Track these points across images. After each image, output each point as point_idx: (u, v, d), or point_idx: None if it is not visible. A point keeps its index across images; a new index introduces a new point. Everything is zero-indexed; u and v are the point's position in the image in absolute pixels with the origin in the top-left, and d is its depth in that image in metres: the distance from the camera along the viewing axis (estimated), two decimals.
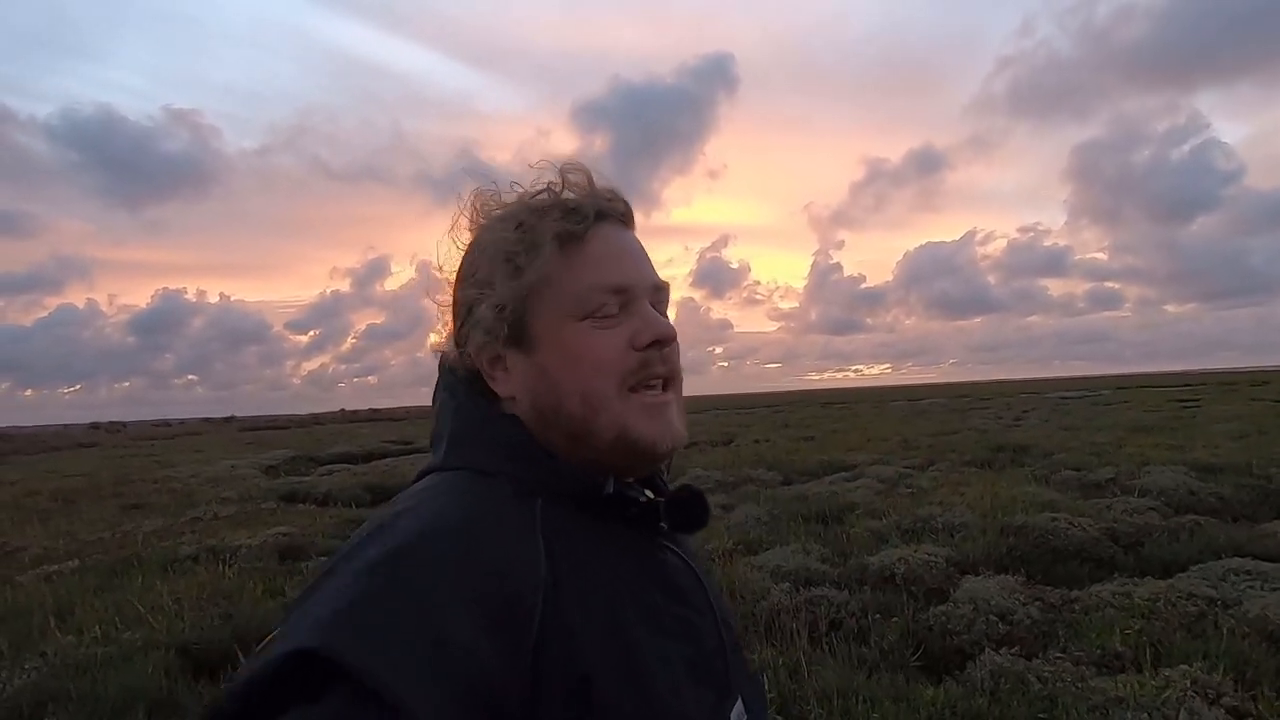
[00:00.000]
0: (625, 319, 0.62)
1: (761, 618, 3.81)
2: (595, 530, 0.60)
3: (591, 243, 0.63)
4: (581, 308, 0.61)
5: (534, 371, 0.62)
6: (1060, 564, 4.75)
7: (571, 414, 0.60)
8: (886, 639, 3.55)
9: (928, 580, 4.37)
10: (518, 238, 0.62)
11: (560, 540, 0.56)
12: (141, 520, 8.50)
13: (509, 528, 0.56)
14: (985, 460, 10.11)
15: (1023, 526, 5.26)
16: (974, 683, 2.98)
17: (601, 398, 0.60)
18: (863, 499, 7.14)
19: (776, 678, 3.02)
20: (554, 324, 0.61)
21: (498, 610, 0.50)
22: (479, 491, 0.59)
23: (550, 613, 0.52)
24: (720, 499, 7.92)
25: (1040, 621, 3.64)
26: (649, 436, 0.61)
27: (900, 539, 5.41)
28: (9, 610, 4.79)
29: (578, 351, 0.60)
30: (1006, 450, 10.82)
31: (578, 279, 0.61)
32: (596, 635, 0.54)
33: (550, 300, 0.61)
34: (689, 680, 0.58)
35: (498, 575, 0.52)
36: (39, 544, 7.28)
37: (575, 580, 0.55)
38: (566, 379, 0.60)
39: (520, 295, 0.62)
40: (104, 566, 5.94)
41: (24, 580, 5.67)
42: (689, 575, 0.66)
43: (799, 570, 4.63)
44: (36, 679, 3.54)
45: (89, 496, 11.50)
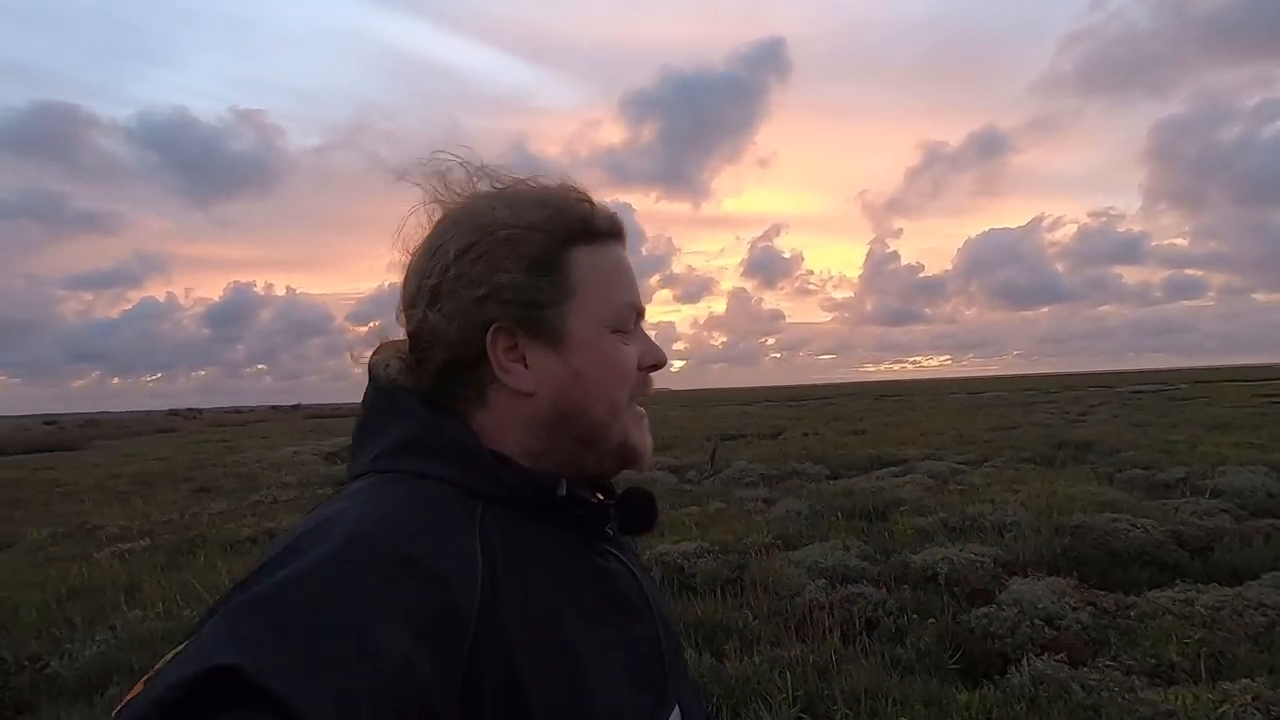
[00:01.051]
0: (632, 338, 0.65)
1: (794, 614, 3.75)
2: (537, 536, 0.58)
3: (612, 255, 0.64)
4: (617, 321, 0.62)
5: (566, 372, 0.60)
6: (1118, 567, 4.51)
7: (595, 419, 0.61)
8: (923, 640, 3.44)
9: (972, 581, 4.21)
10: (557, 224, 0.61)
11: (500, 546, 0.54)
12: (208, 503, 8.99)
13: (446, 533, 0.53)
14: (1045, 457, 9.71)
15: (1079, 527, 5.01)
16: (1012, 689, 2.86)
17: (620, 408, 0.63)
18: (910, 495, 6.94)
19: (804, 676, 2.97)
20: (593, 330, 0.61)
21: (432, 619, 0.47)
22: (416, 495, 0.55)
23: (486, 622, 0.50)
24: (763, 492, 7.84)
25: (1090, 627, 3.46)
26: (642, 445, 0.65)
27: (946, 537, 5.23)
28: (85, 585, 5.13)
29: (612, 361, 0.62)
30: (1069, 447, 10.35)
31: (615, 292, 0.63)
32: (533, 645, 0.52)
33: (591, 305, 0.61)
34: (627, 688, 0.57)
35: (433, 582, 0.49)
36: (116, 523, 7.78)
37: (513, 588, 0.53)
38: (598, 386, 0.61)
39: (563, 291, 0.60)
40: (171, 546, 6.30)
41: (100, 557, 6.07)
42: (631, 581, 0.64)
43: (837, 567, 4.53)
44: (104, 650, 3.78)
45: (164, 480, 12.23)
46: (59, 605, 4.58)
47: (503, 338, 0.59)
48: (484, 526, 0.55)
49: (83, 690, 3.44)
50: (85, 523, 7.94)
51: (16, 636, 4.04)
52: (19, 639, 4.00)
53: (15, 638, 4.03)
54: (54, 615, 4.38)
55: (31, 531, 7.63)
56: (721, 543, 5.12)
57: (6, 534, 7.72)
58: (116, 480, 12.42)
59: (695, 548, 4.89)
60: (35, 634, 4.07)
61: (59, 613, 4.43)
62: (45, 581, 5.26)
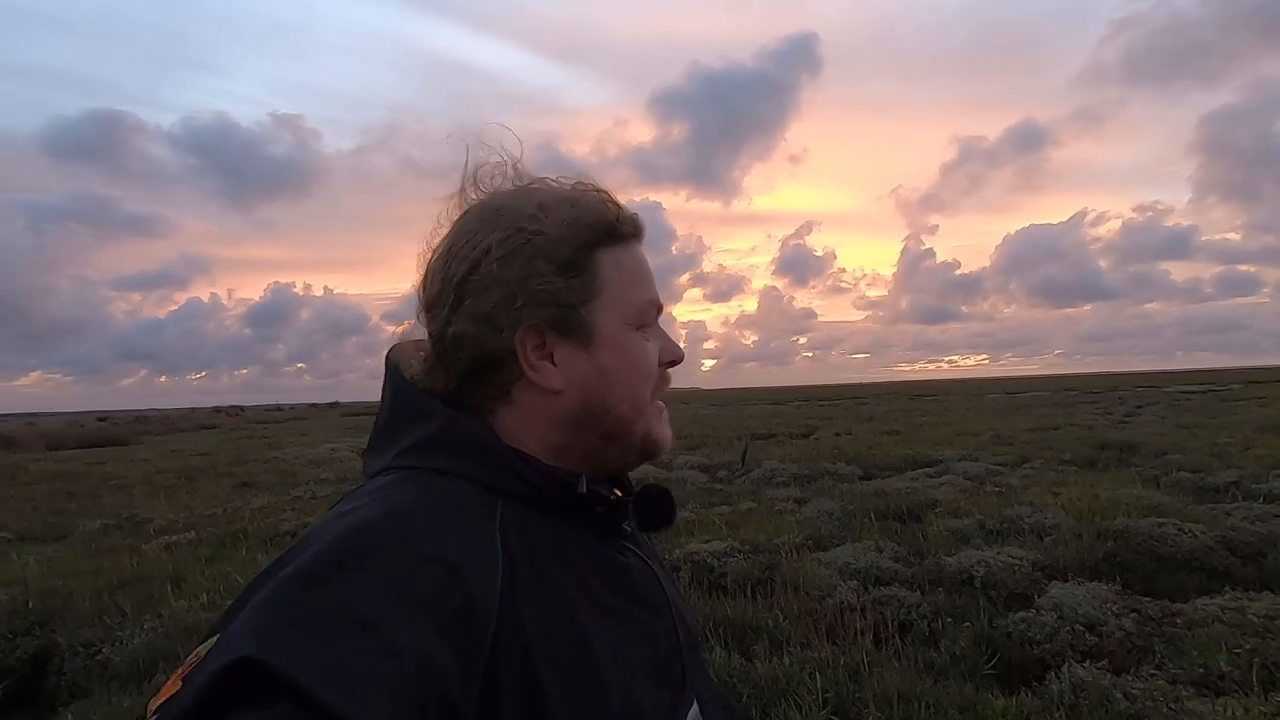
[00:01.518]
0: (653, 334, 0.66)
1: (825, 615, 3.71)
2: (555, 532, 0.59)
3: (634, 254, 0.65)
4: (640, 318, 0.64)
5: (594, 370, 0.61)
6: (1165, 574, 4.37)
7: (620, 415, 0.62)
8: (958, 644, 3.37)
9: (1009, 584, 4.12)
10: (586, 224, 0.61)
11: (519, 541, 0.55)
12: (250, 497, 9.24)
13: (467, 528, 0.53)
14: (1087, 459, 9.44)
15: (1123, 531, 4.86)
16: (1051, 696, 2.78)
17: (644, 403, 0.64)
18: (945, 497, 6.81)
19: (835, 678, 2.93)
20: (618, 328, 0.62)
21: (453, 614, 0.48)
22: (437, 491, 0.56)
23: (506, 616, 0.50)
24: (794, 492, 7.77)
25: (1134, 634, 3.35)
26: (664, 439, 0.66)
27: (983, 540, 5.12)
28: (135, 575, 5.32)
29: (636, 358, 0.63)
30: (1112, 449, 10.04)
31: (638, 290, 0.64)
32: (552, 639, 0.52)
33: (617, 302, 0.62)
34: (645, 683, 0.57)
35: (454, 577, 0.49)
36: (163, 516, 8.04)
37: (533, 583, 0.54)
38: (622, 383, 0.62)
39: (591, 290, 0.61)
40: (215, 539, 6.49)
41: (148, 548, 6.28)
42: (649, 577, 0.65)
43: (869, 568, 4.47)
44: (152, 638, 3.92)
45: (208, 474, 12.60)
46: (110, 594, 4.76)
47: (532, 337, 0.60)
48: (504, 522, 0.55)
49: (132, 676, 3.57)
50: (134, 515, 8.23)
51: (71, 623, 4.21)
52: (73, 626, 4.16)
53: (70, 625, 4.19)
54: (105, 604, 4.55)
55: (84, 523, 7.94)
56: (752, 542, 5.09)
57: (62, 525, 8.05)
58: (163, 474, 12.84)
59: (725, 547, 4.87)
60: (88, 621, 4.23)
61: (110, 601, 4.59)
62: (97, 571, 5.46)
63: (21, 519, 8.53)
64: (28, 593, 4.72)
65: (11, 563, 5.99)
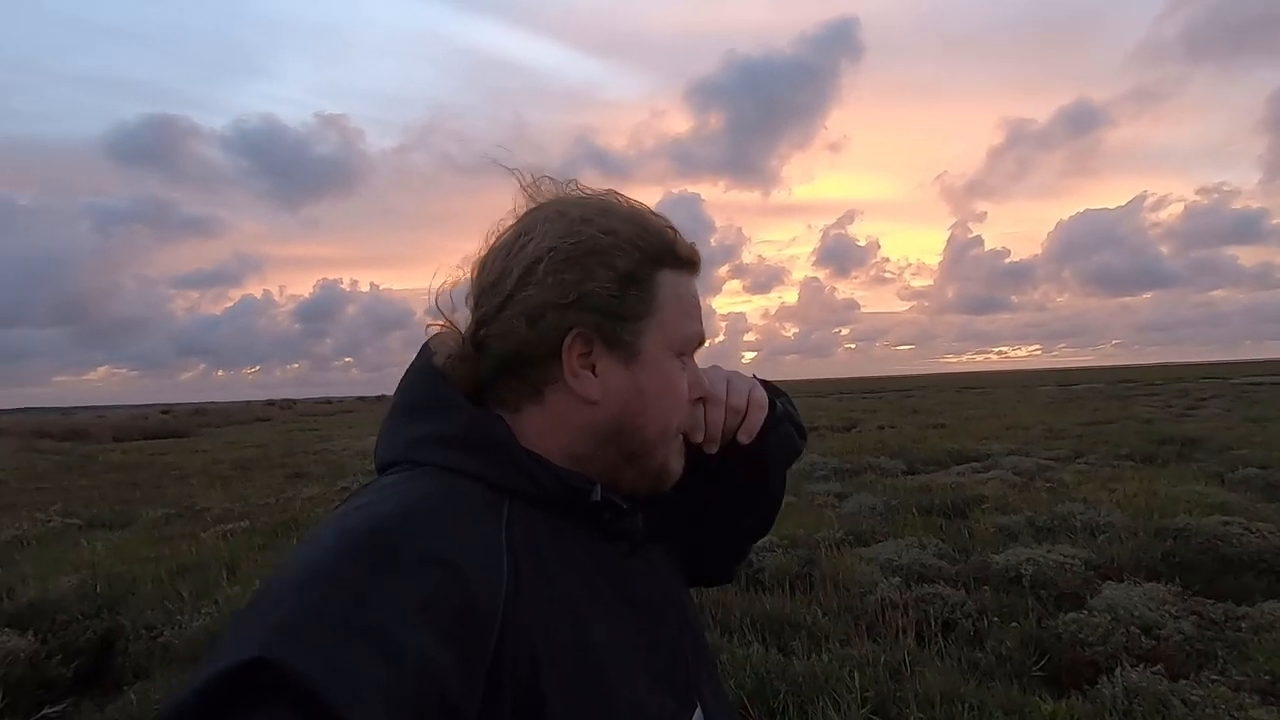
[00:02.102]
0: (687, 367, 0.66)
1: (866, 612, 3.65)
2: (562, 535, 0.58)
3: (688, 285, 0.65)
4: (682, 347, 0.64)
5: (631, 387, 0.61)
6: (1229, 575, 4.16)
7: (646, 438, 0.62)
8: (1005, 644, 3.28)
9: (1060, 584, 3.98)
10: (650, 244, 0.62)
11: (525, 543, 0.55)
12: (301, 488, 9.55)
13: (472, 529, 0.53)
14: (1146, 454, 9.06)
15: (1184, 529, 4.65)
16: (1103, 700, 2.68)
17: (671, 432, 0.64)
18: (993, 492, 6.62)
19: (875, 676, 2.88)
20: (662, 351, 0.62)
21: (455, 616, 0.48)
22: (444, 490, 0.55)
23: (510, 619, 0.50)
24: (835, 487, 7.66)
25: (1194, 638, 3.21)
26: (675, 472, 0.66)
27: (1032, 537, 4.97)
28: (194, 562, 5.56)
29: (674, 387, 0.63)
30: (1173, 443, 9.62)
31: (686, 319, 0.64)
32: (555, 643, 0.52)
33: (666, 328, 0.62)
34: (649, 688, 0.57)
35: (458, 578, 0.49)
36: (220, 505, 8.38)
37: (537, 588, 0.53)
38: (657, 406, 0.62)
39: (647, 307, 0.61)
40: (268, 528, 6.74)
41: (206, 536, 6.55)
42: (656, 582, 0.65)
43: (912, 565, 4.38)
44: (209, 623, 4.09)
45: (261, 466, 13.08)
46: (170, 580, 4.98)
47: (580, 343, 0.59)
48: (510, 523, 0.55)
49: (190, 658, 3.73)
50: (193, 504, 8.60)
51: (135, 607, 4.42)
52: (137, 609, 4.37)
53: (134, 608, 4.41)
54: (166, 589, 4.77)
55: (148, 511, 8.33)
56: (791, 537, 5.04)
57: (127, 513, 8.45)
58: (220, 465, 13.39)
59: (763, 542, 4.83)
60: (151, 605, 4.44)
61: (170, 586, 4.81)
62: (159, 557, 5.72)
63: (91, 507, 8.99)
64: (96, 577, 4.98)
65: (82, 548, 6.32)
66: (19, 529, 7.36)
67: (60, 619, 4.16)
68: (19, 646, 3.68)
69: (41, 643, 3.84)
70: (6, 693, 3.35)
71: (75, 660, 3.86)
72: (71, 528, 7.63)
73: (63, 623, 4.12)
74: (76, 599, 4.46)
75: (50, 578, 5.03)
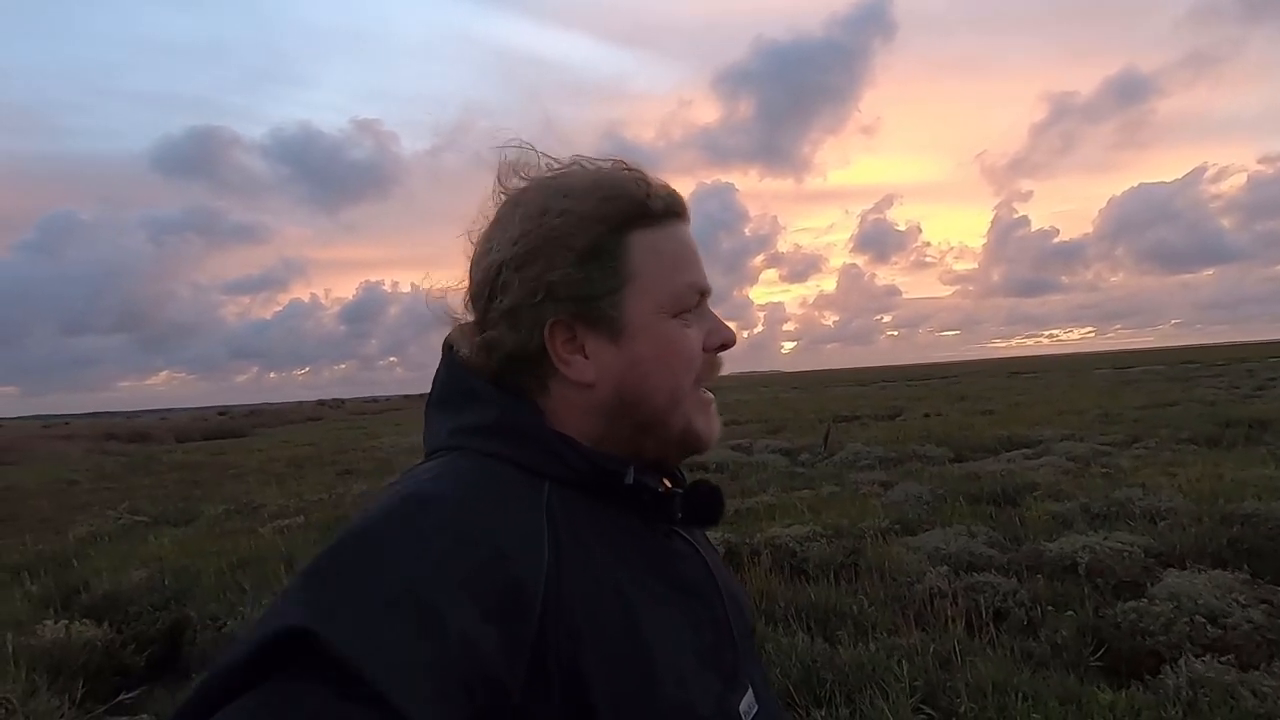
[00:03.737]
0: (698, 319, 0.63)
1: (914, 602, 3.59)
2: (602, 517, 0.58)
3: (674, 235, 0.62)
4: (677, 304, 0.61)
5: (624, 361, 0.60)
6: None
7: (656, 406, 0.60)
8: (1060, 634, 3.18)
9: (1119, 572, 3.84)
10: (609, 211, 0.59)
11: (565, 525, 0.55)
12: (351, 484, 9.84)
13: (514, 511, 0.54)
14: (1210, 437, 8.67)
15: (1252, 515, 4.44)
16: (1166, 691, 2.59)
17: (683, 394, 0.61)
18: (1045, 479, 6.43)
19: (924, 666, 2.84)
20: (651, 316, 0.60)
21: (499, 596, 0.48)
22: (485, 474, 0.56)
23: (553, 599, 0.50)
24: (879, 475, 7.54)
25: (1265, 628, 3.06)
26: (706, 431, 0.63)
27: (1087, 525, 4.80)
28: (253, 556, 5.78)
29: (674, 348, 0.61)
30: (1239, 425, 9.17)
31: (674, 274, 0.61)
32: (599, 623, 0.52)
33: (650, 289, 0.60)
34: (695, 670, 0.57)
35: (500, 557, 0.50)
36: (275, 502, 8.69)
37: (579, 567, 0.53)
38: (658, 372, 0.60)
39: (620, 278, 0.59)
40: (321, 523, 6.96)
41: (263, 531, 6.81)
42: (698, 564, 0.64)
43: (961, 553, 4.29)
44: None
45: (313, 463, 13.52)
46: (232, 573, 5.20)
47: (561, 331, 0.59)
48: (550, 506, 0.55)
49: None
50: (251, 501, 8.95)
51: (200, 599, 4.63)
52: (202, 601, 4.58)
53: (199, 600, 4.62)
54: (228, 581, 4.98)
55: (209, 508, 8.70)
56: (835, 526, 4.98)
57: (190, 510, 8.84)
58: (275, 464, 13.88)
59: (808, 531, 4.79)
60: (214, 597, 4.64)
61: (232, 579, 5.02)
62: (220, 551, 5.97)
63: (156, 504, 9.43)
64: (164, 571, 5.23)
65: (150, 544, 6.64)
66: (92, 526, 7.78)
67: (132, 610, 4.38)
68: (96, 636, 3.90)
69: (116, 633, 4.06)
70: (86, 679, 3.54)
71: (147, 649, 4.06)
72: (139, 524, 8.03)
73: (134, 614, 4.34)
74: (146, 591, 4.69)
75: (121, 571, 5.30)
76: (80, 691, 3.38)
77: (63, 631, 3.82)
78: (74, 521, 8.11)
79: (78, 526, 7.77)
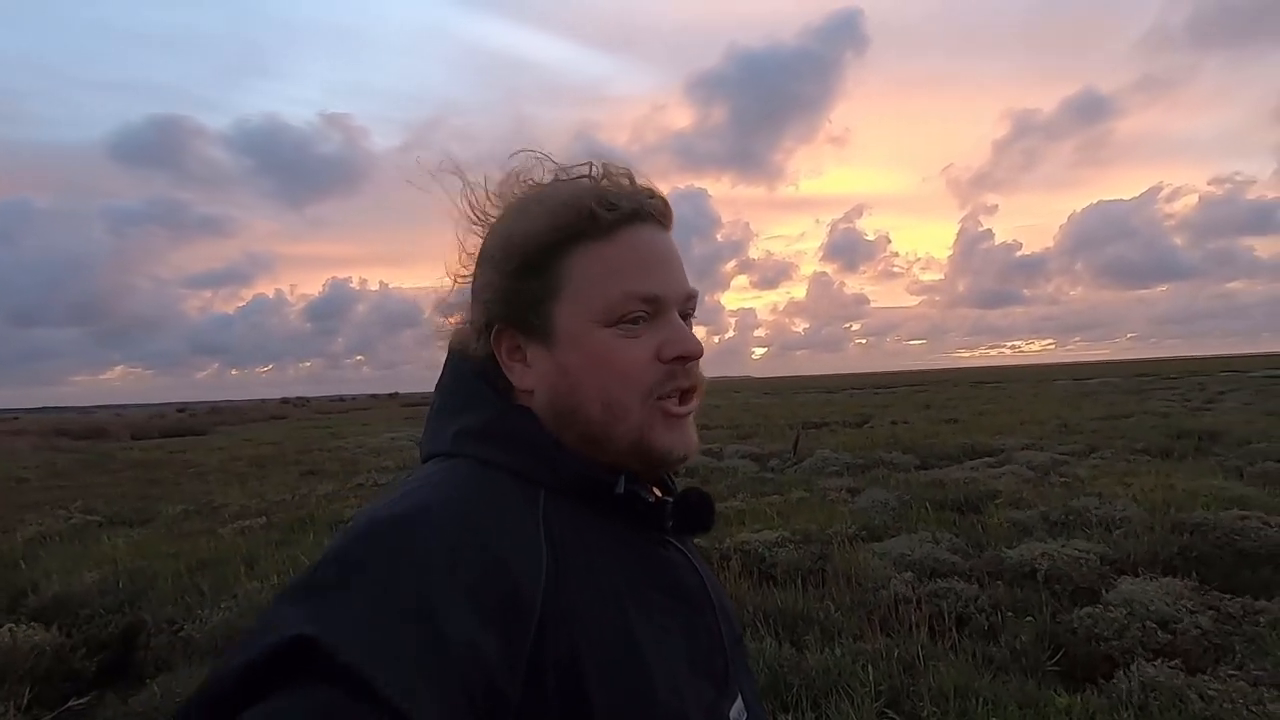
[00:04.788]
0: (653, 328, 0.61)
1: (879, 607, 3.65)
2: (597, 525, 0.59)
3: (626, 243, 0.60)
4: (610, 314, 0.59)
5: (555, 369, 0.60)
6: (1246, 569, 4.12)
7: (590, 418, 0.60)
8: (1019, 639, 3.27)
9: (1075, 578, 3.96)
10: (549, 224, 0.60)
11: (561, 533, 0.56)
12: (316, 485, 9.65)
13: (511, 518, 0.54)
14: (1163, 448, 8.96)
15: (1201, 524, 4.61)
16: (1119, 695, 2.67)
17: (623, 407, 0.59)
18: (1007, 487, 6.58)
19: (889, 670, 2.89)
20: (580, 325, 0.59)
21: (498, 603, 0.49)
22: (482, 481, 0.57)
23: (550, 606, 0.51)
24: (847, 482, 7.64)
25: (1212, 633, 3.19)
26: (663, 446, 0.61)
27: (1046, 532, 4.94)
28: (212, 558, 5.64)
29: (604, 359, 0.59)
30: (1190, 437, 9.51)
31: (611, 283, 0.59)
32: (595, 630, 0.53)
33: (580, 299, 0.59)
34: (688, 677, 0.58)
35: (499, 565, 0.50)
36: (237, 502, 8.49)
37: (576, 576, 0.54)
38: (589, 383, 0.59)
39: (549, 289, 0.60)
40: (284, 524, 6.81)
41: (224, 533, 6.64)
42: (690, 572, 0.65)
43: (925, 560, 4.37)
44: (228, 617, 4.15)
45: (277, 463, 13.22)
46: (190, 575, 5.05)
47: (505, 338, 0.63)
48: (546, 514, 0.56)
49: (211, 651, 3.79)
50: (211, 501, 8.72)
51: (156, 602, 4.50)
52: (158, 604, 4.44)
53: (155, 603, 4.48)
54: (186, 584, 4.84)
55: (167, 508, 8.44)
56: (804, 532, 5.04)
57: (146, 510, 8.58)
58: (237, 463, 13.54)
59: (777, 537, 4.83)
60: (171, 600, 4.51)
61: (190, 582, 4.88)
62: (179, 553, 5.80)
63: (111, 504, 9.13)
64: (118, 573, 5.06)
65: (103, 544, 6.42)
66: (42, 525, 7.50)
67: (83, 614, 4.24)
68: (44, 640, 3.76)
69: (66, 637, 3.91)
70: (33, 685, 3.42)
71: (99, 654, 3.93)
72: (92, 524, 7.75)
73: (86, 617, 4.20)
74: (99, 594, 4.54)
75: (73, 573, 5.12)
76: (27, 697, 3.26)
77: (8, 635, 3.68)
78: (22, 521, 7.79)
79: (26, 526, 7.47)
